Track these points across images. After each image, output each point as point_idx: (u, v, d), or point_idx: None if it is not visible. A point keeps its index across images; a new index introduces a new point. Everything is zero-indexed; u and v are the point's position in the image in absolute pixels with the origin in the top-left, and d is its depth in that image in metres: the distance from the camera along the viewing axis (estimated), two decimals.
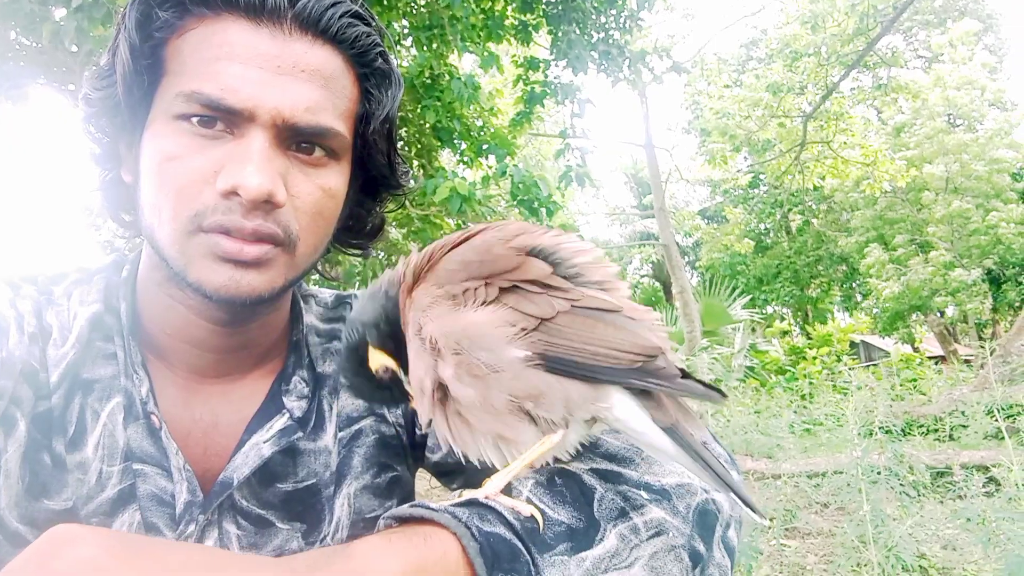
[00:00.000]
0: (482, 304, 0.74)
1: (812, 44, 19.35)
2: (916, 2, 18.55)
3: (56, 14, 5.98)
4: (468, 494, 0.72)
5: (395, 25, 7.44)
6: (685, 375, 0.71)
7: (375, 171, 1.07)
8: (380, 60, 0.98)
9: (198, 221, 0.86)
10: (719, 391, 0.71)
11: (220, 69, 0.84)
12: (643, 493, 0.78)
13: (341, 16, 0.91)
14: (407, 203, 7.56)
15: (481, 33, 7.80)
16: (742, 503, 0.69)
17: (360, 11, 0.95)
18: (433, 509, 0.68)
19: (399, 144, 1.10)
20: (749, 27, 29.32)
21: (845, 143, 20.51)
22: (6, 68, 7.32)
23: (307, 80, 0.88)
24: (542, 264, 0.77)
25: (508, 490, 0.73)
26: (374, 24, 0.98)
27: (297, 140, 0.91)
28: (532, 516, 0.70)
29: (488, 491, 0.71)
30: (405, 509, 0.69)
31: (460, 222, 8.27)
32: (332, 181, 0.96)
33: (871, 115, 27.48)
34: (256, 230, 0.86)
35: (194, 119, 0.85)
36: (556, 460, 0.80)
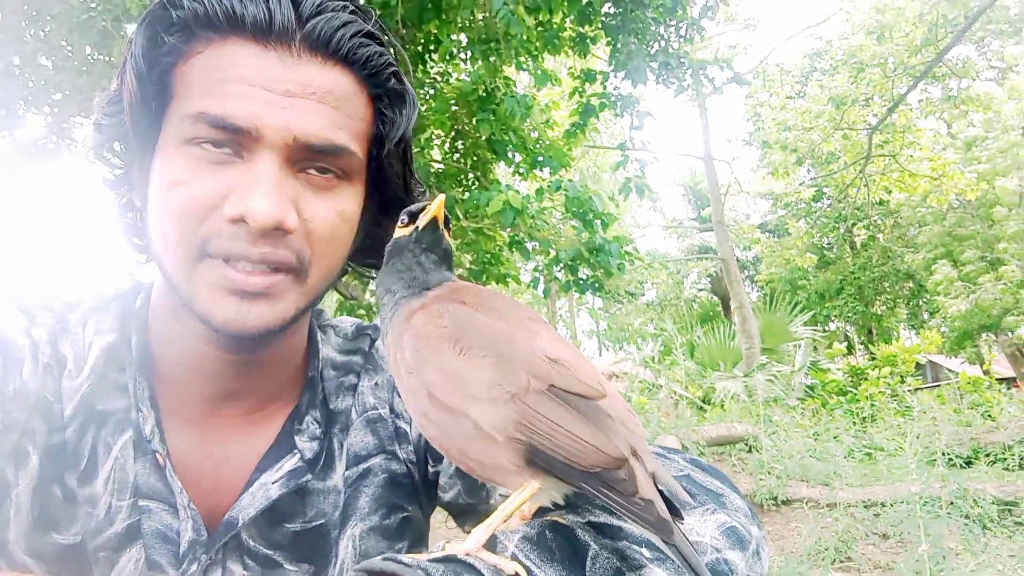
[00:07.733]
0: (469, 356, 0.69)
1: (878, 55, 18.83)
2: (989, 11, 17.87)
3: (129, 31, 6.24)
4: (450, 548, 0.67)
5: (452, 38, 7.48)
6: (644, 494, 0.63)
7: (390, 193, 1.04)
8: (393, 80, 0.95)
9: (204, 247, 0.84)
10: (675, 516, 0.63)
11: (227, 90, 0.82)
12: (644, 551, 0.71)
13: (352, 37, 0.88)
14: (461, 216, 7.61)
15: (537, 44, 7.77)
16: None
17: (373, 30, 0.92)
18: (406, 564, 0.63)
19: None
20: (813, 37, 28.69)
21: (912, 156, 19.88)
22: (79, 82, 7.65)
23: (318, 102, 0.86)
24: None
25: (493, 544, 0.68)
26: (388, 44, 0.95)
27: (310, 161, 0.88)
28: (516, 575, 0.64)
29: (469, 547, 0.65)
30: (377, 562, 0.64)
31: (513, 235, 8.25)
32: (346, 204, 0.93)
33: (940, 128, 26.56)
34: (264, 258, 0.84)
35: (204, 143, 0.83)
36: (550, 509, 0.75)
